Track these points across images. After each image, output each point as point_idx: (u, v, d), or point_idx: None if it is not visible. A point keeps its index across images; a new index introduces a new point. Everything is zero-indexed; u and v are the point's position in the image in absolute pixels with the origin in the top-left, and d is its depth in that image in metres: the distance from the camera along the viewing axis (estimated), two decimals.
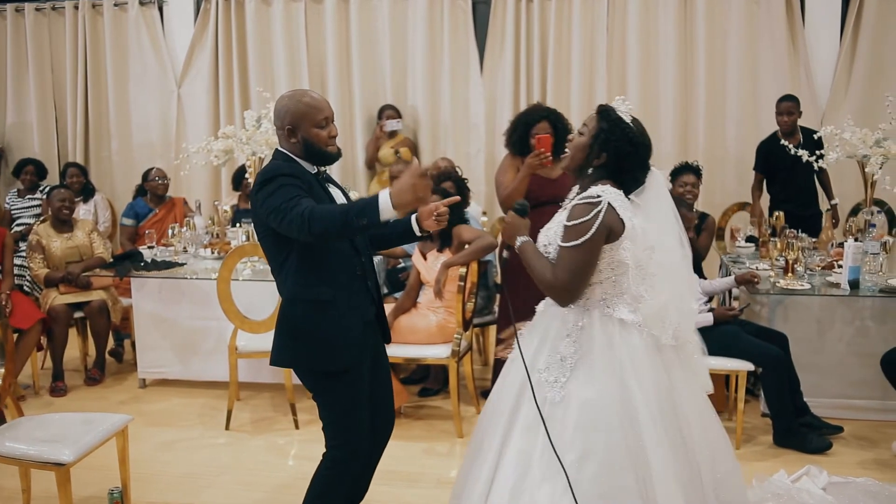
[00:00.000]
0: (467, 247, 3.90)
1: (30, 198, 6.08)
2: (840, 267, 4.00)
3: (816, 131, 5.03)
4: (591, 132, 2.23)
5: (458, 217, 4.09)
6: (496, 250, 4.19)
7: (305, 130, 2.34)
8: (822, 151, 4.60)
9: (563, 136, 4.18)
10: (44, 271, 4.72)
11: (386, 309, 3.98)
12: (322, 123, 2.36)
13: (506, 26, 6.06)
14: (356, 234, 2.26)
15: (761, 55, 5.83)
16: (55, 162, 6.68)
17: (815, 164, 4.61)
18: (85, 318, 4.79)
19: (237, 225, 5.01)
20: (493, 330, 4.63)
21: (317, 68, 6.38)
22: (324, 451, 2.49)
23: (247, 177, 4.90)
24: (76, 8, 6.62)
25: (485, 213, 5.61)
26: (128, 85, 6.64)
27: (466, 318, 3.95)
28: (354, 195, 2.60)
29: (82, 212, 5.91)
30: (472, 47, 6.14)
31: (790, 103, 5.10)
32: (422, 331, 3.95)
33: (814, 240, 4.70)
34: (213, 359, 4.48)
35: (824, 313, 4.00)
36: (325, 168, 2.47)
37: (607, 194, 2.14)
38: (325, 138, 2.37)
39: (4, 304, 4.29)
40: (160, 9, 6.58)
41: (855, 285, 3.82)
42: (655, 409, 2.09)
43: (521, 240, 2.25)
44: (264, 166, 2.41)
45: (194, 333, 4.55)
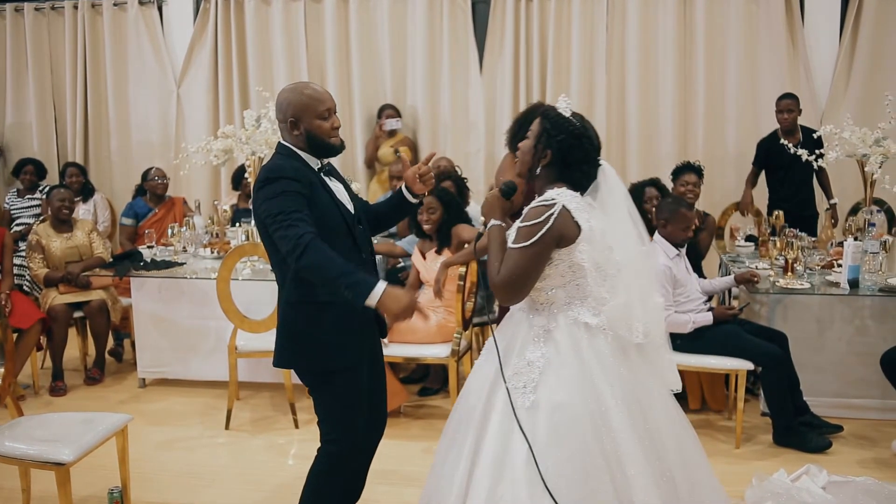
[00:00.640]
0: (466, 246, 3.91)
1: (29, 198, 6.08)
2: (840, 266, 4.00)
3: (816, 130, 5.04)
4: (535, 133, 2.26)
5: (458, 217, 4.09)
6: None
7: (308, 122, 2.33)
8: (821, 151, 4.60)
9: None
10: (43, 271, 4.72)
11: None
12: (325, 115, 2.35)
13: (505, 26, 6.06)
14: (334, 295, 2.23)
15: (761, 55, 5.83)
16: (55, 162, 6.68)
17: (814, 163, 4.61)
18: (85, 318, 4.79)
19: (237, 224, 5.02)
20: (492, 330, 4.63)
21: (316, 68, 6.38)
22: (318, 447, 2.48)
23: (246, 176, 4.90)
24: (75, 8, 6.62)
25: None
26: (127, 85, 6.64)
27: (466, 318, 3.95)
28: (356, 186, 2.59)
29: (82, 212, 5.91)
30: (472, 47, 6.14)
31: (790, 101, 5.13)
32: (421, 331, 3.95)
33: (813, 239, 4.71)
34: (212, 358, 4.48)
35: (824, 312, 4.00)
36: (327, 160, 2.46)
37: (562, 197, 2.14)
38: (328, 130, 2.36)
39: (4, 303, 4.28)
40: (160, 8, 6.58)
41: (854, 284, 3.82)
42: (626, 412, 2.08)
43: (492, 222, 2.26)
44: (267, 162, 2.40)
45: (194, 333, 4.55)
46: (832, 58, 5.81)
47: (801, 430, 3.68)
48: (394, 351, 3.89)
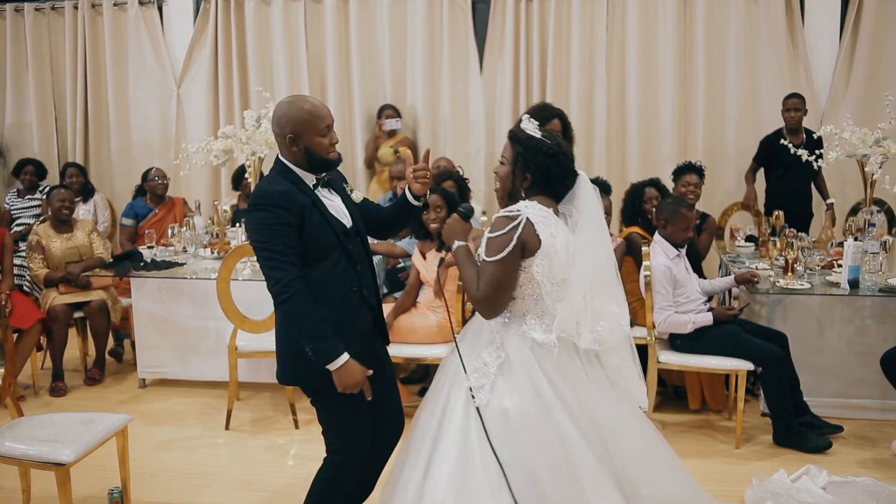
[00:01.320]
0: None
1: (29, 198, 6.08)
2: (840, 266, 4.01)
3: (817, 132, 5.05)
4: (510, 159, 2.29)
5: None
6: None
7: (308, 140, 2.33)
8: (820, 151, 4.61)
9: (569, 137, 4.19)
10: (43, 271, 4.72)
11: (386, 309, 4.01)
12: (324, 132, 2.36)
13: (505, 26, 6.06)
14: (301, 345, 2.29)
15: (761, 55, 5.83)
16: (55, 162, 6.68)
17: (814, 163, 4.61)
18: (85, 318, 4.79)
19: (237, 225, 5.02)
20: None
21: (316, 68, 6.38)
22: (324, 456, 2.49)
23: (246, 177, 4.90)
24: (76, 8, 6.62)
25: (484, 212, 5.61)
26: (127, 85, 6.64)
27: (466, 318, 3.95)
28: (357, 196, 2.58)
29: (82, 212, 5.91)
30: (472, 47, 6.14)
31: (797, 100, 5.20)
32: (421, 330, 3.95)
33: (813, 239, 4.71)
34: (212, 359, 4.48)
35: (824, 313, 4.00)
36: (324, 174, 2.46)
37: (528, 209, 2.18)
38: (326, 147, 2.37)
39: (4, 304, 4.28)
40: (160, 9, 6.58)
41: (854, 285, 3.82)
42: (577, 420, 2.12)
43: (457, 244, 2.31)
44: (261, 183, 2.41)
45: (194, 333, 4.55)
46: (832, 58, 5.81)
47: (801, 431, 3.68)
48: (394, 351, 3.86)
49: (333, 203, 2.43)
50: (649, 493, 2.17)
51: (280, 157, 2.41)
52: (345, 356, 2.26)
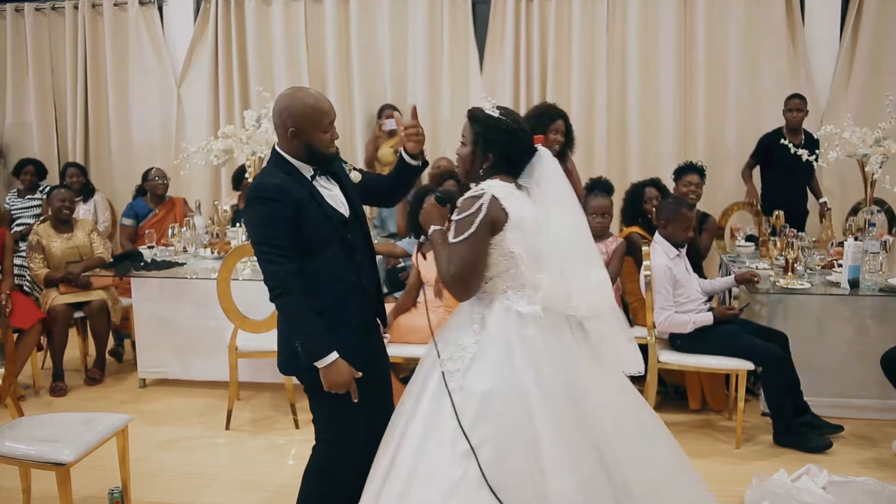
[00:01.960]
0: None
1: (30, 198, 6.08)
2: (840, 266, 4.01)
3: (816, 134, 5.08)
4: (471, 139, 2.29)
5: None
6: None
7: (309, 135, 2.33)
8: (818, 152, 4.62)
9: (571, 139, 4.20)
10: (44, 271, 4.72)
11: (386, 309, 4.01)
12: (326, 128, 2.35)
13: (506, 26, 6.06)
14: (292, 339, 2.31)
15: (761, 55, 5.83)
16: (55, 162, 6.68)
17: (815, 164, 4.61)
18: (85, 318, 4.79)
19: (237, 225, 5.02)
20: None
21: (317, 68, 6.37)
22: (314, 445, 2.48)
23: (247, 177, 4.89)
24: (76, 8, 6.62)
25: None
26: (127, 85, 6.64)
27: None
28: (356, 176, 2.58)
29: (82, 212, 5.91)
30: (472, 47, 6.14)
31: (799, 101, 5.26)
32: (422, 330, 3.92)
33: (813, 239, 4.71)
34: (213, 358, 4.48)
35: (824, 312, 4.00)
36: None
37: (492, 188, 2.19)
38: (327, 142, 2.37)
39: (4, 304, 4.29)
40: (160, 9, 6.58)
41: (855, 284, 3.82)
42: (551, 401, 2.11)
43: (433, 228, 2.31)
44: (257, 176, 2.40)
45: (194, 333, 4.55)
46: (832, 58, 5.81)
47: (801, 430, 3.68)
48: (394, 351, 3.87)
49: (331, 192, 2.42)
50: (637, 475, 2.15)
51: (277, 149, 2.40)
52: (333, 355, 2.26)
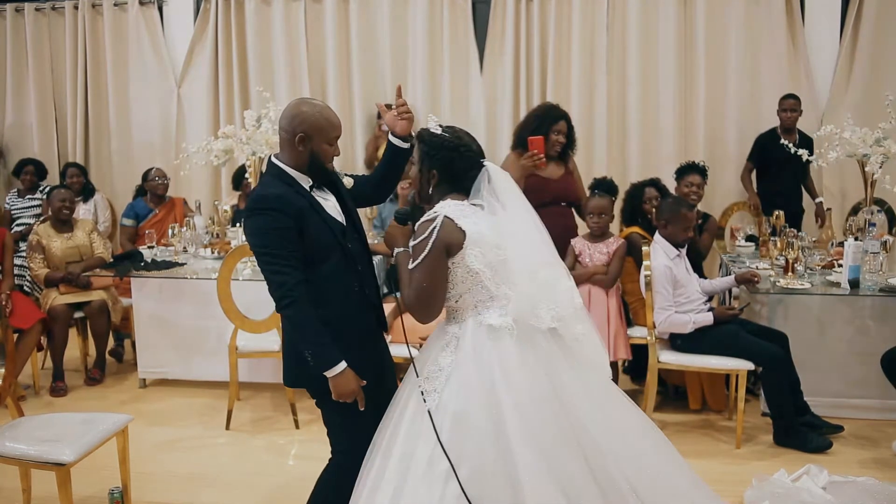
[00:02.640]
0: None
1: (30, 198, 6.08)
2: (840, 266, 4.01)
3: (810, 135, 5.20)
4: (418, 159, 2.33)
5: None
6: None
7: (317, 144, 2.35)
8: (819, 152, 4.63)
9: (572, 139, 4.19)
10: (44, 271, 4.72)
11: (386, 309, 4.00)
12: (333, 142, 2.39)
13: (506, 26, 6.06)
14: (300, 350, 2.30)
15: (761, 55, 5.84)
16: (55, 162, 6.68)
17: (815, 163, 4.61)
18: (85, 318, 4.79)
19: (237, 225, 5.02)
20: None
21: (317, 68, 6.37)
22: (329, 458, 2.48)
23: (247, 177, 4.90)
24: (76, 8, 6.62)
25: None
26: (128, 85, 6.64)
27: None
28: (349, 181, 2.59)
29: (82, 212, 5.91)
30: (472, 47, 6.14)
31: (794, 101, 5.31)
32: (422, 330, 3.94)
33: (813, 239, 4.72)
34: (213, 359, 4.48)
35: (824, 312, 4.00)
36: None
37: (444, 208, 2.21)
38: (330, 156, 2.39)
39: (4, 304, 4.28)
40: (160, 9, 6.58)
41: (855, 284, 3.82)
42: (528, 413, 2.11)
43: (396, 250, 2.33)
44: (256, 188, 2.40)
45: (194, 333, 4.55)
46: (832, 58, 5.81)
47: (801, 431, 3.68)
48: (394, 351, 3.87)
49: (328, 203, 2.44)
50: (631, 477, 2.16)
51: (274, 160, 2.40)
52: (342, 364, 2.27)
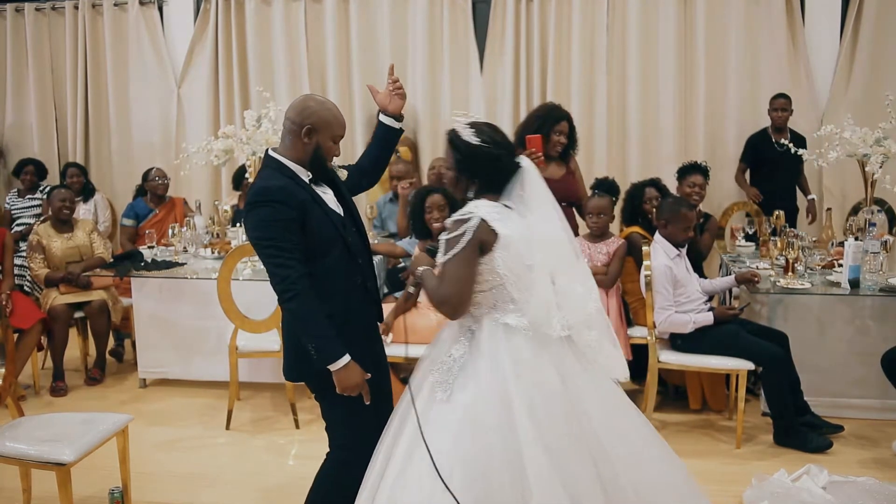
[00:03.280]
0: None
1: (30, 198, 6.08)
2: (840, 266, 4.01)
3: (802, 135, 5.29)
4: (454, 165, 2.32)
5: None
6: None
7: (323, 139, 2.36)
8: (819, 152, 4.63)
9: (574, 140, 4.19)
10: (44, 271, 4.72)
11: (386, 309, 4.01)
12: (337, 139, 2.41)
13: (506, 26, 6.06)
14: (303, 343, 2.30)
15: (761, 55, 5.84)
16: (55, 162, 6.68)
17: (816, 162, 4.60)
18: (85, 318, 4.79)
19: (237, 225, 5.02)
20: None
21: (317, 68, 6.38)
22: (327, 452, 2.48)
23: (247, 176, 4.90)
24: (76, 8, 6.62)
25: None
26: (128, 85, 6.64)
27: None
28: (343, 174, 2.59)
29: (82, 212, 5.91)
30: (472, 47, 6.14)
31: (784, 100, 5.37)
32: (422, 330, 3.93)
33: (814, 239, 4.72)
34: (213, 359, 4.48)
35: (824, 312, 4.00)
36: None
37: (479, 209, 2.22)
38: (332, 153, 2.41)
39: (4, 304, 4.28)
40: (160, 9, 6.58)
41: (855, 284, 3.82)
42: (537, 412, 2.11)
43: (420, 269, 2.34)
44: (256, 181, 2.39)
45: (194, 333, 4.55)
46: (832, 58, 5.81)
47: (801, 430, 3.68)
48: (394, 351, 3.88)
49: (328, 196, 2.45)
50: (633, 479, 2.16)
51: (272, 154, 2.40)
52: (346, 358, 2.26)
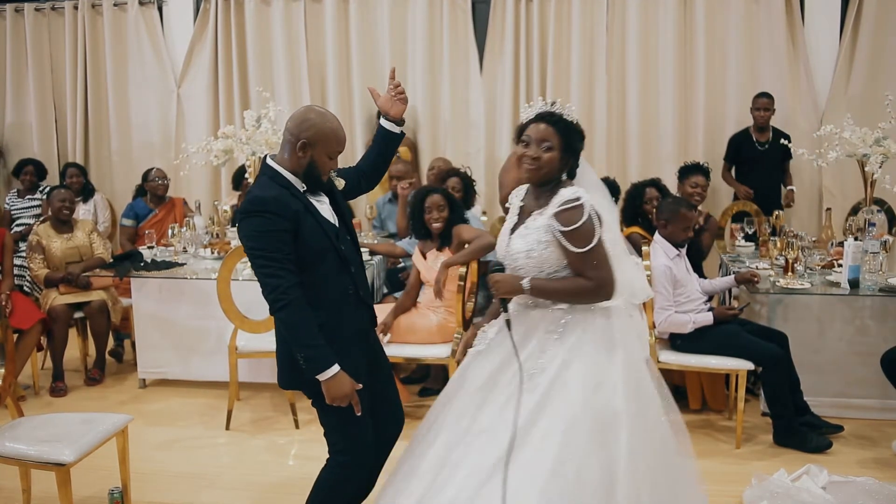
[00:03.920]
0: (467, 246, 3.91)
1: (29, 198, 6.08)
2: (840, 266, 4.01)
3: (786, 133, 5.34)
4: (559, 145, 2.29)
5: (458, 217, 4.09)
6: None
7: (318, 154, 2.35)
8: (815, 154, 4.65)
9: None
10: (44, 272, 4.72)
11: (386, 309, 4.01)
12: (334, 155, 2.40)
13: (505, 26, 6.06)
14: (294, 352, 2.30)
15: (761, 55, 5.84)
16: (55, 162, 6.68)
17: (816, 162, 4.60)
18: (85, 319, 4.79)
19: (237, 225, 5.01)
20: None
21: (316, 68, 6.38)
22: (327, 457, 2.49)
23: (246, 177, 4.89)
24: (76, 8, 6.62)
25: (484, 212, 5.60)
26: (127, 85, 6.64)
27: (466, 318, 3.95)
28: (340, 183, 2.58)
29: (82, 212, 5.91)
30: (472, 47, 6.14)
31: (767, 100, 5.41)
32: (422, 330, 3.95)
33: (813, 239, 4.72)
34: (213, 359, 4.48)
35: (824, 312, 4.00)
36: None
37: (579, 194, 2.23)
38: (328, 168, 2.40)
39: (4, 304, 4.28)
40: (160, 9, 6.58)
41: (855, 284, 3.82)
42: (635, 406, 2.15)
43: (525, 282, 2.28)
44: (251, 189, 2.41)
45: (194, 333, 4.55)
46: (832, 58, 5.81)
47: (801, 430, 3.68)
48: (394, 351, 3.89)
49: (323, 206, 2.45)
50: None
51: (269, 161, 2.41)
52: (335, 367, 2.26)
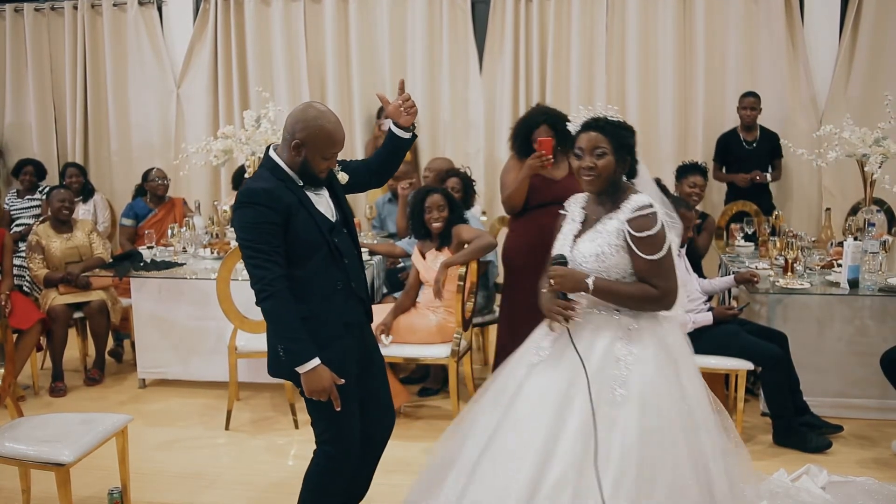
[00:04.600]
0: (467, 246, 3.91)
1: (29, 198, 6.08)
2: (839, 266, 4.01)
3: (774, 132, 5.45)
4: (611, 149, 2.29)
5: (458, 217, 4.09)
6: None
7: (312, 155, 2.36)
8: (815, 154, 4.65)
9: (563, 136, 4.18)
10: (43, 272, 4.72)
11: (385, 309, 4.01)
12: (329, 157, 2.39)
13: (505, 26, 6.06)
14: (275, 344, 2.36)
15: (760, 55, 5.84)
16: (54, 162, 6.68)
17: (816, 162, 4.60)
18: (84, 319, 4.79)
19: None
20: (493, 329, 4.62)
21: (316, 68, 6.37)
22: (314, 449, 2.50)
23: (246, 177, 4.89)
24: (75, 8, 6.62)
25: (484, 212, 5.61)
26: (127, 85, 6.64)
27: (466, 318, 3.95)
28: (343, 177, 2.58)
29: (81, 212, 5.91)
30: (472, 47, 6.14)
31: (754, 99, 5.46)
32: (421, 330, 3.95)
33: (813, 239, 4.72)
34: (212, 359, 4.47)
35: (824, 312, 4.00)
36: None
37: (648, 199, 2.25)
38: (323, 168, 2.40)
39: (4, 304, 4.28)
40: (159, 9, 6.58)
41: (854, 284, 3.82)
42: (708, 406, 2.22)
43: (589, 280, 2.26)
44: (248, 180, 2.43)
45: (194, 333, 4.55)
46: (832, 58, 5.81)
47: (801, 430, 3.68)
48: (394, 351, 3.89)
49: (321, 198, 2.46)
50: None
51: (271, 153, 2.42)
52: (315, 361, 2.28)
